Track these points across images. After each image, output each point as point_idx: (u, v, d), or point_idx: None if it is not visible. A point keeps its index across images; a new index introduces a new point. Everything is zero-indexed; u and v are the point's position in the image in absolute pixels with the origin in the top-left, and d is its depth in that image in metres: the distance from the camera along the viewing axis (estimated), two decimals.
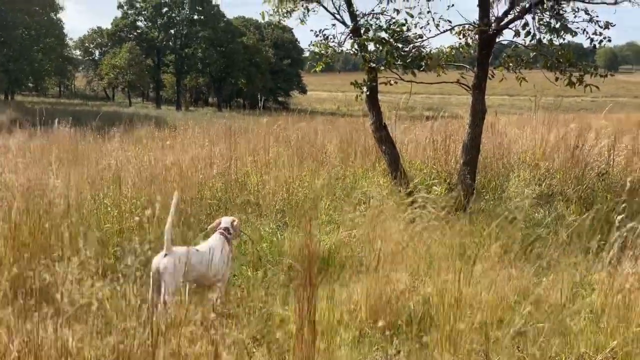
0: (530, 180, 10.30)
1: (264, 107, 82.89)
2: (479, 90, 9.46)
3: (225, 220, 6.36)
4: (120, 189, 8.46)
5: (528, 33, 9.30)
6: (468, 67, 9.86)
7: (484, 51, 9.45)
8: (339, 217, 8.56)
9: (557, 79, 9.49)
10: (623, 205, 5.94)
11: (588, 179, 9.54)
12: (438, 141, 11.58)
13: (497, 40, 9.69)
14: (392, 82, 9.47)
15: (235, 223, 6.35)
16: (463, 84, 9.63)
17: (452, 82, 9.68)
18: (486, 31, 9.27)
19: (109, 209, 7.97)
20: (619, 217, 5.68)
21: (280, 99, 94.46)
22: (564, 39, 9.41)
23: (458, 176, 9.58)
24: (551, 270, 6.61)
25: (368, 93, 9.62)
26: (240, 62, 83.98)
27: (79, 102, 73.05)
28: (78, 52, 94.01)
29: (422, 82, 9.65)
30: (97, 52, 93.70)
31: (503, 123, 14.36)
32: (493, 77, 9.90)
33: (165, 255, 5.44)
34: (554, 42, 9.34)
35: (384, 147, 9.97)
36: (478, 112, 9.48)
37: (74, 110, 43.73)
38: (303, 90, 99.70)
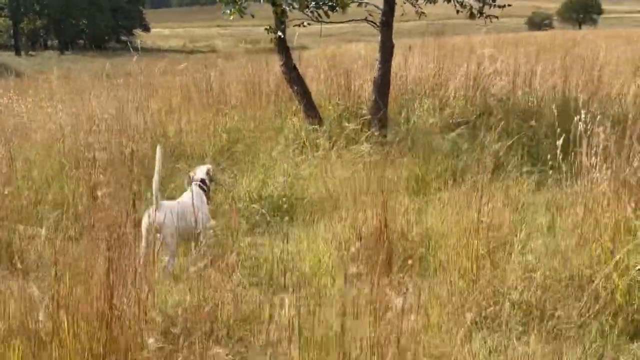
0: (434, 109, 10.69)
1: (106, 48, 79.85)
2: (386, 26, 9.74)
3: (200, 171, 6.36)
4: None
5: None
6: (374, 4, 10.09)
7: None
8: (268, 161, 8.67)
9: (457, 11, 10.00)
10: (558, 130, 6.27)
11: (489, 105, 10.10)
12: (337, 78, 11.65)
13: None
14: (305, 24, 9.64)
15: (210, 172, 6.39)
16: (371, 22, 9.91)
17: (360, 20, 9.93)
18: None
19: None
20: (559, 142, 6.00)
21: (123, 37, 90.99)
22: None
23: (370, 111, 9.83)
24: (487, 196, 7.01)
25: (282, 36, 9.71)
26: (79, 2, 79.98)
27: None
28: None
29: (332, 22, 9.82)
30: None
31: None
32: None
33: (156, 210, 5.42)
34: None
35: (296, 88, 10.10)
36: (387, 49, 9.77)
37: None
38: (146, 29, 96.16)
